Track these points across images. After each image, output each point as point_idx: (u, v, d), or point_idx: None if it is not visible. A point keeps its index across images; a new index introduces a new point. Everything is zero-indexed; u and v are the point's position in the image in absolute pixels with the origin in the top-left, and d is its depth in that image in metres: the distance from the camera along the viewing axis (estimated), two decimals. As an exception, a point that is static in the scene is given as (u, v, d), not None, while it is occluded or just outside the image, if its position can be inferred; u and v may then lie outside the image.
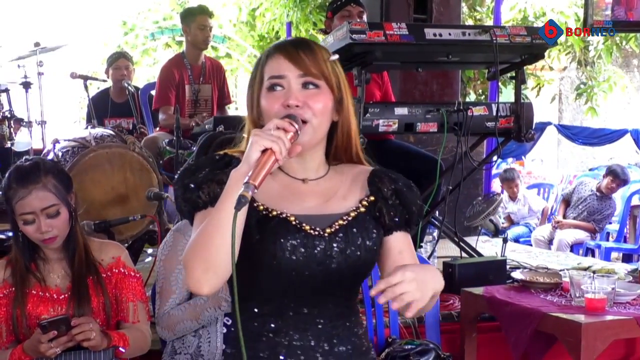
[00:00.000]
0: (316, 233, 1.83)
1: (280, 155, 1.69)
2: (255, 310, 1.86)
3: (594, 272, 4.13)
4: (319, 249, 1.82)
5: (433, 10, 6.56)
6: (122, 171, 4.78)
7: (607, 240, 9.30)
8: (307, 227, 1.83)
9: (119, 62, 6.79)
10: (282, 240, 1.80)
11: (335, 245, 1.83)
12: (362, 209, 1.90)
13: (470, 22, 10.91)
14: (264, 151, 1.69)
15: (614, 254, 8.69)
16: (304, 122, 1.80)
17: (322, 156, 1.93)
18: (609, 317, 3.21)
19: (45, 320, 2.56)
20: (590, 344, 3.07)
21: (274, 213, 1.83)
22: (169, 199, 4.49)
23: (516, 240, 8.95)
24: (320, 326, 1.86)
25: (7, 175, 2.73)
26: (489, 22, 10.18)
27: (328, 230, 1.84)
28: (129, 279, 2.85)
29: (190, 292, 2.95)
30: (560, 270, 4.24)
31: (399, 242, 1.94)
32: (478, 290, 3.67)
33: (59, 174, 2.75)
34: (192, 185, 1.84)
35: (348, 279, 1.87)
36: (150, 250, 5.40)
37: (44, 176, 2.66)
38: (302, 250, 1.80)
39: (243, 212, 1.69)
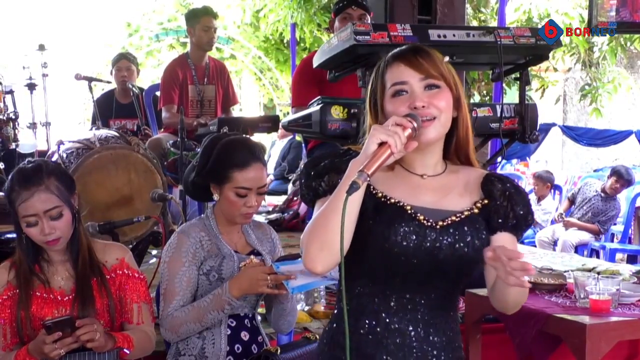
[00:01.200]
0: (429, 224, 1.96)
1: (395, 149, 1.82)
2: (359, 288, 2.01)
3: (598, 273, 4.13)
4: (429, 239, 1.95)
5: (437, 12, 6.55)
6: (127, 172, 4.79)
7: (612, 241, 9.29)
8: (421, 217, 1.96)
9: (120, 63, 6.79)
10: (396, 225, 1.94)
11: (445, 238, 1.96)
12: (476, 210, 2.03)
13: (474, 23, 10.91)
14: (381, 144, 1.82)
15: (618, 255, 8.68)
16: (432, 119, 1.95)
17: (440, 153, 2.07)
18: (613, 318, 3.20)
19: (50, 320, 2.56)
20: (594, 345, 3.06)
21: (392, 201, 1.98)
22: (173, 200, 4.49)
23: (521, 241, 8.93)
24: (419, 314, 1.99)
25: (9, 177, 2.73)
26: (493, 24, 10.17)
27: (441, 223, 1.97)
28: (133, 280, 2.85)
29: (195, 295, 2.96)
30: (565, 272, 4.23)
31: (501, 240, 2.04)
32: (482, 292, 3.66)
33: (61, 175, 2.74)
34: (314, 174, 2.03)
35: (453, 273, 1.99)
36: (154, 252, 5.41)
37: (46, 178, 2.66)
38: (414, 237, 1.94)
39: (359, 198, 1.85)
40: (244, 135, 3.39)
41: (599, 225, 8.98)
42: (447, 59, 2.06)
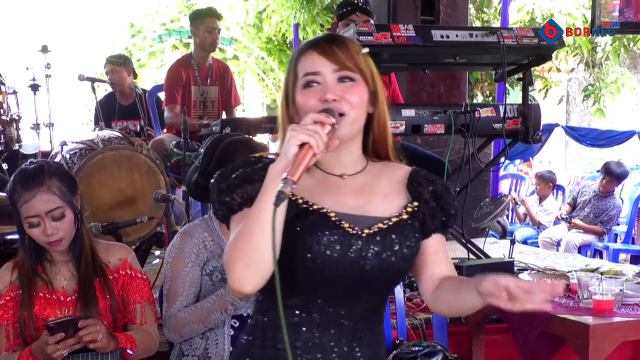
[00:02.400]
0: (354, 232, 1.82)
1: (317, 149, 1.69)
2: (284, 302, 1.81)
3: (601, 273, 4.12)
4: (354, 248, 1.81)
5: (440, 12, 6.55)
6: (130, 173, 4.79)
7: (615, 241, 9.28)
8: (346, 225, 1.82)
9: (106, 67, 6.83)
10: (319, 234, 1.79)
11: (371, 247, 1.82)
12: (405, 216, 1.89)
13: (477, 23, 10.90)
14: (302, 146, 1.68)
15: (622, 256, 8.66)
16: (342, 114, 1.80)
17: (358, 151, 1.93)
18: (617, 319, 3.19)
19: (52, 321, 2.56)
20: (598, 346, 3.06)
21: (315, 207, 1.83)
22: (176, 201, 4.50)
23: (524, 241, 8.93)
24: (343, 327, 1.84)
25: (12, 178, 2.73)
26: (496, 24, 10.16)
27: (367, 231, 1.83)
28: (135, 281, 2.85)
29: (198, 295, 2.95)
30: (568, 272, 4.23)
31: (434, 244, 1.94)
32: (485, 292, 3.66)
33: (63, 176, 2.74)
34: (226, 188, 1.85)
35: (380, 284, 1.86)
36: (157, 252, 5.41)
37: (48, 179, 2.66)
38: (338, 247, 1.79)
39: (283, 207, 1.68)
40: (246, 136, 3.40)
41: (601, 226, 8.96)
42: (365, 50, 1.91)
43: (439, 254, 1.94)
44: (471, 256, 4.79)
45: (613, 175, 8.92)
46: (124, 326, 2.84)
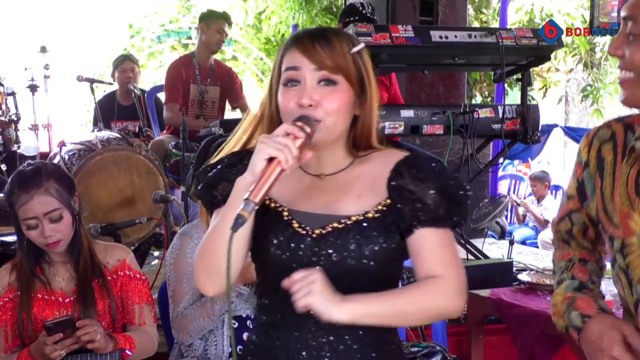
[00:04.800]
0: (304, 232, 1.73)
1: (286, 165, 1.60)
2: (259, 300, 1.86)
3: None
4: (302, 247, 1.71)
5: (439, 13, 6.56)
6: (129, 174, 4.80)
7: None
8: (296, 225, 1.73)
9: (125, 64, 6.79)
10: (272, 233, 1.73)
11: (322, 248, 1.71)
12: (374, 215, 1.73)
13: (476, 24, 10.90)
14: (270, 160, 1.61)
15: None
16: (318, 121, 1.69)
17: (341, 151, 1.80)
18: (616, 320, 3.19)
19: (50, 322, 2.56)
20: (597, 347, 3.05)
21: (272, 206, 1.76)
22: (175, 202, 4.50)
23: (523, 242, 8.93)
24: (308, 331, 1.74)
25: (9, 180, 2.73)
26: (495, 25, 10.16)
27: (317, 231, 1.72)
28: (134, 282, 2.85)
29: (201, 295, 2.95)
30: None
31: (420, 241, 1.73)
32: (485, 293, 3.66)
33: (61, 177, 2.74)
34: (205, 184, 1.81)
35: (339, 287, 1.66)
36: (156, 253, 5.41)
37: (45, 180, 2.65)
38: (286, 247, 1.72)
39: (247, 226, 1.64)
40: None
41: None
42: (359, 47, 1.76)
43: (425, 255, 1.74)
44: (470, 257, 4.80)
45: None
46: (122, 327, 2.84)
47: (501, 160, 5.40)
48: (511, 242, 4.94)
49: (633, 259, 1.72)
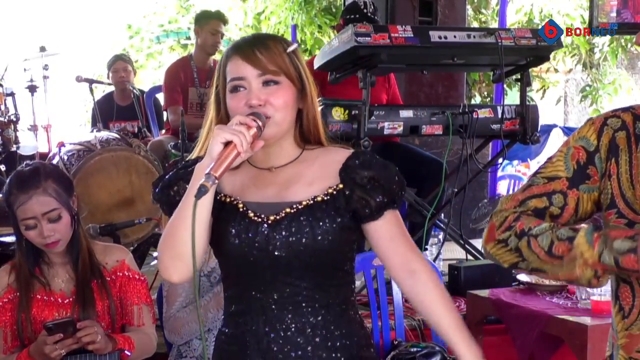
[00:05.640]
0: (259, 220, 1.86)
1: (241, 148, 1.74)
2: (226, 293, 1.98)
3: (600, 274, 4.11)
4: (259, 235, 1.85)
5: (438, 13, 6.57)
6: (128, 174, 4.79)
7: (613, 242, 9.26)
8: (252, 214, 1.86)
9: (117, 64, 6.76)
10: (230, 225, 1.86)
11: (277, 232, 1.84)
12: (323, 197, 1.88)
13: (475, 24, 10.90)
14: (227, 145, 1.74)
15: (620, 256, 8.66)
16: (268, 117, 1.84)
17: (290, 144, 1.95)
18: (615, 320, 3.19)
19: (51, 322, 2.56)
20: (596, 347, 3.06)
21: (227, 200, 1.90)
22: (174, 202, 4.48)
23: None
24: (273, 313, 1.87)
25: (8, 180, 2.73)
26: (494, 25, 10.15)
27: (272, 218, 1.86)
28: (133, 282, 2.85)
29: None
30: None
31: (387, 228, 1.92)
32: (484, 293, 3.67)
33: (59, 177, 2.74)
34: (162, 186, 1.94)
35: (298, 268, 1.86)
36: (155, 254, 5.40)
37: (44, 181, 2.65)
38: (244, 236, 1.85)
39: (208, 203, 1.78)
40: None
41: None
42: (292, 47, 1.92)
43: (396, 239, 1.93)
44: (469, 257, 4.80)
45: None
46: (121, 328, 2.84)
47: (500, 160, 5.40)
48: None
49: None
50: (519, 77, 4.80)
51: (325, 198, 1.88)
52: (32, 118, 6.85)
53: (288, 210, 1.86)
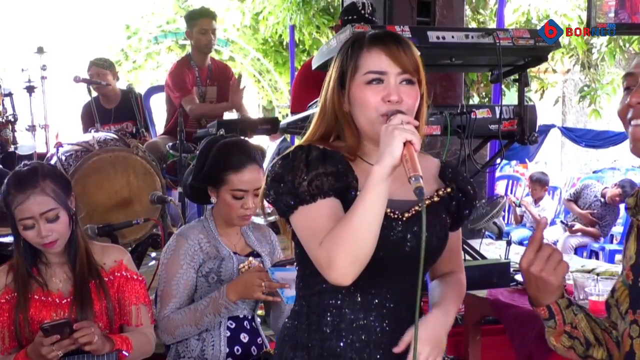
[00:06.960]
0: (395, 216, 1.91)
1: (418, 147, 1.77)
2: (323, 285, 1.92)
3: (597, 274, 4.12)
4: (395, 231, 1.90)
5: (436, 13, 6.56)
6: (126, 175, 4.79)
7: (611, 242, 9.29)
8: (388, 210, 1.87)
9: (91, 70, 6.58)
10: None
11: (411, 229, 1.91)
12: (436, 199, 2.01)
13: (473, 25, 10.91)
14: (404, 144, 1.76)
15: (617, 257, 8.66)
16: None
17: None
18: (613, 320, 3.19)
19: (47, 323, 2.56)
20: (594, 347, 3.05)
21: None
22: (173, 203, 4.49)
23: (520, 242, 8.94)
24: (385, 309, 1.94)
25: (6, 180, 2.72)
26: (492, 25, 10.17)
27: (406, 215, 1.92)
28: (131, 282, 2.85)
29: (193, 297, 2.95)
30: (565, 273, 4.22)
31: (453, 240, 2.10)
32: (482, 293, 3.67)
33: (57, 178, 2.74)
34: (299, 181, 1.89)
35: (419, 265, 1.83)
36: (153, 254, 5.41)
37: (42, 181, 2.65)
38: (381, 233, 1.84)
39: (384, 202, 1.79)
40: (239, 137, 3.40)
41: (599, 229, 8.98)
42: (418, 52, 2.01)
43: (453, 252, 2.12)
44: (467, 257, 4.79)
45: (627, 194, 9.00)
46: (120, 328, 2.84)
47: (498, 160, 5.40)
48: (508, 243, 4.93)
49: None
50: (517, 77, 4.80)
51: (438, 199, 2.02)
52: (30, 118, 6.84)
53: (417, 208, 1.93)
